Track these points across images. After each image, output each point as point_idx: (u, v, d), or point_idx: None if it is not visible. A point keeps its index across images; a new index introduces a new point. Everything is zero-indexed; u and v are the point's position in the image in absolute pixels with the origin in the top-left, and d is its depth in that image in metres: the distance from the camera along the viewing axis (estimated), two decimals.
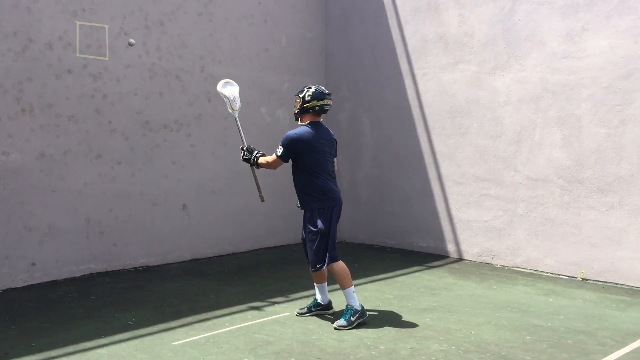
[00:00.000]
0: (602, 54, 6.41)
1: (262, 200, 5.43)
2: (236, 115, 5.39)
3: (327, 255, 4.96)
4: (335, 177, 5.14)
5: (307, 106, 4.98)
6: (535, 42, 6.89)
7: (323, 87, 5.10)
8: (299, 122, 5.10)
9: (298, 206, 5.15)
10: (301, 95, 5.02)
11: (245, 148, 5.18)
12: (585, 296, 5.95)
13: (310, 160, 4.94)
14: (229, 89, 5.39)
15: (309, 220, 4.99)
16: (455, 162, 7.68)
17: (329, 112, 5.18)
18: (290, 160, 5.04)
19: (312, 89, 5.01)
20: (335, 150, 5.22)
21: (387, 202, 8.46)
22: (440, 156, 7.83)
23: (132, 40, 5.40)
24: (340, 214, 5.15)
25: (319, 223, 4.92)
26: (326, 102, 5.00)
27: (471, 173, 7.53)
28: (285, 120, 8.52)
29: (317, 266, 4.98)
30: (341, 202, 5.10)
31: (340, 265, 5.01)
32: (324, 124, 5.15)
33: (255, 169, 5.25)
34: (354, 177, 8.78)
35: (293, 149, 4.93)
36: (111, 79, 6.78)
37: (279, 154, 4.98)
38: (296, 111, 5.08)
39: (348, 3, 8.77)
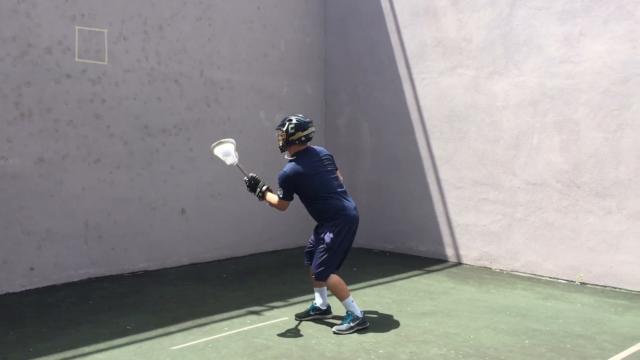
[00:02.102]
0: (600, 58, 6.43)
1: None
2: (235, 164, 5.22)
3: (323, 270, 4.94)
4: (345, 191, 5.12)
5: (293, 138, 4.99)
6: (533, 46, 6.92)
7: (301, 116, 5.09)
8: (286, 156, 5.11)
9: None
10: (284, 129, 5.00)
11: (247, 180, 5.08)
12: (584, 300, 5.95)
13: (313, 188, 4.95)
14: (221, 149, 5.26)
15: (321, 231, 5.00)
16: (453, 167, 7.70)
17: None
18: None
19: (294, 121, 5.00)
20: (334, 164, 5.21)
21: (386, 207, 8.47)
22: (438, 160, 7.85)
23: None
24: (356, 228, 5.10)
25: (327, 237, 4.91)
26: (310, 130, 5.03)
27: (470, 177, 7.54)
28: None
29: (315, 272, 5.00)
30: (355, 217, 5.03)
31: (334, 279, 4.98)
32: (311, 147, 5.14)
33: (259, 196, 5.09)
34: (353, 181, 8.79)
35: (292, 185, 4.94)
36: (110, 83, 6.79)
37: (281, 196, 4.98)
38: (281, 144, 5.06)
39: (347, 8, 8.79)
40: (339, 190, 5.06)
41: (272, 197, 5.06)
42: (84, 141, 6.61)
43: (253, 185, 5.07)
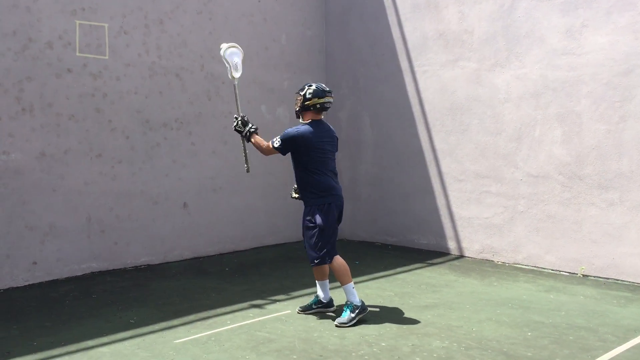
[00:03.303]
0: (602, 50, 6.41)
1: (248, 171, 5.40)
2: (236, 82, 5.32)
3: (326, 252, 4.96)
4: (336, 174, 5.16)
5: (308, 104, 4.99)
6: (535, 38, 6.89)
7: (324, 85, 5.10)
8: (301, 120, 5.11)
9: (294, 196, 5.22)
10: (302, 93, 5.02)
11: (239, 118, 5.15)
12: (586, 292, 5.95)
13: (310, 159, 4.95)
14: (232, 56, 5.31)
15: (308, 215, 5.00)
16: (455, 159, 7.69)
17: (329, 109, 5.19)
18: (289, 155, 5.06)
19: (313, 87, 5.01)
20: (336, 146, 5.22)
21: (388, 200, 8.47)
22: (440, 153, 7.84)
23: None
24: (343, 212, 5.15)
25: (318, 218, 4.93)
26: (327, 99, 5.02)
27: (472, 170, 7.53)
28: (286, 119, 8.52)
29: (315, 262, 4.99)
30: (341, 199, 5.10)
31: (339, 261, 5.01)
32: (325, 121, 5.16)
33: (246, 142, 5.23)
34: (355, 174, 8.78)
35: (291, 145, 4.96)
36: (111, 77, 6.78)
37: (275, 145, 5.00)
38: (297, 109, 5.08)
39: (348, 1, 8.76)
40: (332, 170, 5.09)
41: (260, 140, 5.10)
42: (86, 136, 6.61)
43: (245, 122, 5.11)
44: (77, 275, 6.55)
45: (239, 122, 5.14)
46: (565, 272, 6.78)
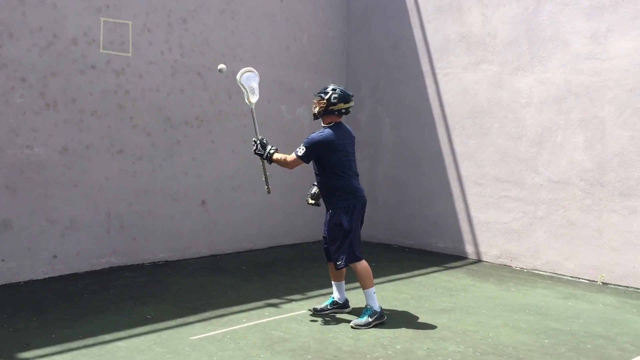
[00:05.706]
0: (627, 55, 6.32)
1: (269, 192, 5.41)
2: (253, 107, 5.28)
3: (351, 253, 4.96)
4: (358, 175, 5.16)
5: (333, 108, 4.97)
6: (559, 42, 6.82)
7: (345, 88, 5.09)
8: (322, 123, 5.09)
9: (310, 203, 5.23)
10: (326, 98, 4.99)
11: (258, 141, 5.10)
12: (606, 300, 5.87)
13: (336, 162, 4.94)
14: (249, 80, 5.28)
15: (333, 218, 4.97)
16: (475, 163, 7.63)
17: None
18: (312, 162, 5.04)
19: (338, 91, 4.99)
20: (354, 147, 5.21)
21: (406, 202, 8.44)
22: (460, 157, 7.79)
23: (222, 66, 5.38)
24: (365, 213, 5.15)
25: (344, 221, 4.92)
26: (351, 103, 5.05)
27: (491, 174, 7.48)
28: (305, 119, 8.54)
29: (338, 263, 4.98)
30: (365, 200, 5.11)
31: (364, 264, 5.00)
32: (344, 122, 5.15)
33: (267, 163, 5.21)
34: (373, 176, 8.77)
35: (317, 151, 4.91)
36: (134, 75, 6.85)
37: (300, 154, 4.94)
38: (316, 111, 5.04)
39: (370, 2, 8.74)
40: (355, 171, 5.10)
41: (281, 156, 5.06)
42: (108, 132, 6.68)
43: (264, 144, 5.06)
44: (96, 270, 6.62)
45: (259, 145, 5.08)
46: (584, 279, 6.70)
